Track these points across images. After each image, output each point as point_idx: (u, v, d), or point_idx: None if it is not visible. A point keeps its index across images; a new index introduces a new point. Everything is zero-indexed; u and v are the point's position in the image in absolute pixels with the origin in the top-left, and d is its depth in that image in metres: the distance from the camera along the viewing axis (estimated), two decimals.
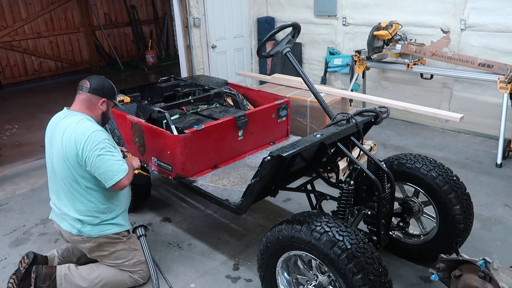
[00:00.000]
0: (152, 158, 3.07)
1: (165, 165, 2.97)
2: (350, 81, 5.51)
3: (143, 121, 3.06)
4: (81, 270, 2.64)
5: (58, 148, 2.43)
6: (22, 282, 2.56)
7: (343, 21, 5.87)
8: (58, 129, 2.47)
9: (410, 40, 5.17)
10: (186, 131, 2.84)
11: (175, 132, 2.91)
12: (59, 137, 2.43)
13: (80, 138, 2.35)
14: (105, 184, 2.43)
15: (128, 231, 2.71)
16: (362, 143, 2.57)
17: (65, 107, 2.58)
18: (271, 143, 3.47)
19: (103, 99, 2.52)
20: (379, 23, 5.06)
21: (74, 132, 2.38)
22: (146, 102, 3.57)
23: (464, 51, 4.85)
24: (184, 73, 5.96)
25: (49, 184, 2.65)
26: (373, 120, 2.63)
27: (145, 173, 2.84)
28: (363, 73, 5.47)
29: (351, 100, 5.17)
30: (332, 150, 2.51)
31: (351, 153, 2.50)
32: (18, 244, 3.26)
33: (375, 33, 4.95)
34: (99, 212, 2.54)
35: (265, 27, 6.56)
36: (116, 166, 2.41)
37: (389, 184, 2.43)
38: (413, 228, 2.85)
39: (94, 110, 2.52)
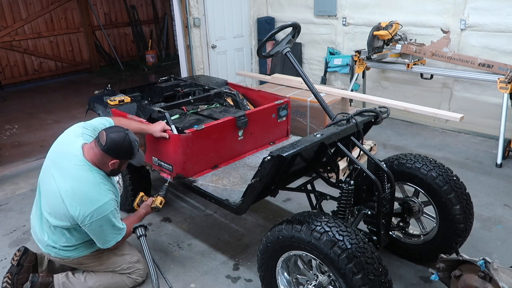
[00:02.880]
0: (153, 158, 3.07)
1: (165, 164, 2.97)
2: (350, 81, 5.51)
3: (144, 120, 3.06)
4: (79, 276, 2.63)
5: (58, 192, 2.31)
6: (16, 277, 2.55)
7: (343, 21, 5.88)
8: (65, 168, 2.35)
9: (410, 40, 5.17)
10: (186, 131, 2.84)
11: (175, 132, 2.91)
12: (65, 182, 2.31)
13: (84, 208, 2.27)
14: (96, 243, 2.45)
15: None
16: (362, 143, 2.57)
17: (80, 144, 2.40)
18: (271, 143, 3.47)
19: (115, 161, 2.37)
20: (379, 23, 5.06)
21: (84, 198, 2.27)
22: (146, 102, 3.57)
23: (464, 51, 4.85)
24: (184, 73, 5.96)
25: (34, 203, 2.58)
26: (373, 120, 2.63)
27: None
28: (363, 73, 5.47)
29: (351, 100, 5.17)
30: (332, 150, 2.51)
31: (351, 153, 2.50)
32: (18, 244, 3.26)
33: (375, 33, 4.96)
34: (76, 245, 2.50)
35: (265, 27, 6.56)
36: (111, 236, 2.43)
37: (389, 184, 2.43)
38: (413, 228, 2.85)
39: (104, 166, 2.39)
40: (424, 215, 2.73)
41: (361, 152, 2.93)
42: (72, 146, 2.41)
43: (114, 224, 2.41)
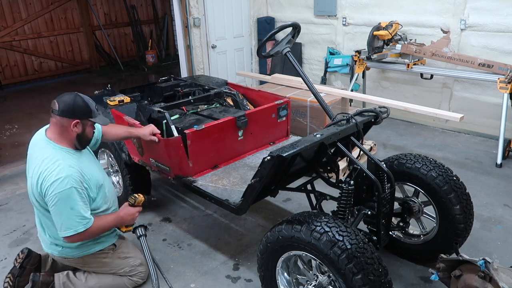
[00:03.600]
0: (150, 159, 3.07)
1: (163, 166, 2.96)
2: (350, 81, 5.51)
3: (138, 124, 3.03)
4: (80, 276, 2.61)
5: (30, 179, 2.32)
6: (18, 279, 2.53)
7: (343, 21, 5.87)
8: (33, 157, 2.34)
9: (410, 40, 5.17)
10: (186, 131, 2.84)
11: (175, 132, 2.90)
12: (32, 167, 2.31)
13: (46, 182, 2.21)
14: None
15: (114, 244, 2.64)
16: (362, 143, 2.57)
17: (44, 129, 2.42)
18: (271, 143, 3.46)
19: (75, 121, 2.29)
20: (379, 23, 5.06)
21: (43, 172, 2.22)
22: (146, 102, 3.57)
23: (464, 51, 4.85)
24: (184, 73, 5.96)
25: None
26: (373, 120, 2.63)
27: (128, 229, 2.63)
28: (363, 73, 5.47)
29: (351, 100, 5.17)
30: (332, 150, 2.51)
31: (351, 153, 2.50)
32: (18, 244, 3.26)
33: (375, 33, 4.95)
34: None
35: (265, 27, 6.56)
36: (71, 222, 2.24)
37: (389, 184, 2.43)
38: (413, 228, 2.85)
39: (67, 134, 2.32)
40: (424, 215, 2.72)
41: (361, 152, 2.93)
42: (39, 134, 2.43)
43: (73, 207, 2.22)
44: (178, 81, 4.00)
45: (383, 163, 2.54)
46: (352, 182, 2.37)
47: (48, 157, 2.26)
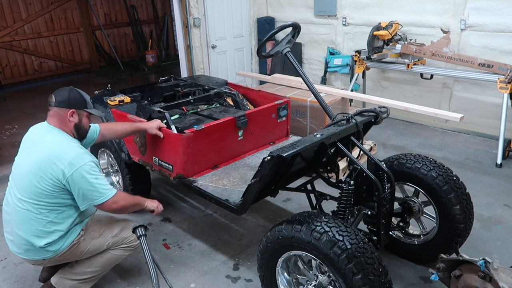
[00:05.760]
0: (153, 157, 3.07)
1: (166, 164, 2.97)
2: (350, 81, 5.51)
3: (144, 120, 3.06)
4: (71, 266, 2.55)
5: (31, 165, 2.28)
6: None
7: (343, 21, 5.88)
8: (34, 143, 2.37)
9: (410, 40, 5.17)
10: (187, 131, 2.84)
11: (175, 132, 2.90)
12: (37, 150, 2.30)
13: (61, 163, 2.23)
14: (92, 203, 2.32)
15: (81, 229, 2.49)
16: (362, 143, 2.57)
17: (46, 121, 2.44)
18: (271, 143, 3.46)
19: (71, 111, 2.36)
20: (379, 23, 5.06)
21: (56, 155, 2.25)
22: (146, 102, 3.57)
23: (464, 51, 4.85)
24: (184, 73, 5.96)
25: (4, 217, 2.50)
26: (373, 120, 2.63)
27: None
28: (363, 73, 5.47)
29: (351, 100, 5.17)
30: (332, 150, 2.51)
31: (351, 153, 2.50)
32: None
33: (375, 33, 4.96)
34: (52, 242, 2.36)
35: (265, 27, 6.56)
36: (103, 187, 2.32)
37: (389, 184, 2.43)
38: (413, 228, 2.85)
39: (66, 123, 2.38)
40: (424, 215, 2.73)
41: (361, 152, 2.93)
42: (39, 125, 2.47)
43: (98, 177, 2.29)
44: (178, 81, 4.00)
45: (383, 163, 2.54)
46: (352, 182, 2.38)
47: (59, 141, 2.31)
